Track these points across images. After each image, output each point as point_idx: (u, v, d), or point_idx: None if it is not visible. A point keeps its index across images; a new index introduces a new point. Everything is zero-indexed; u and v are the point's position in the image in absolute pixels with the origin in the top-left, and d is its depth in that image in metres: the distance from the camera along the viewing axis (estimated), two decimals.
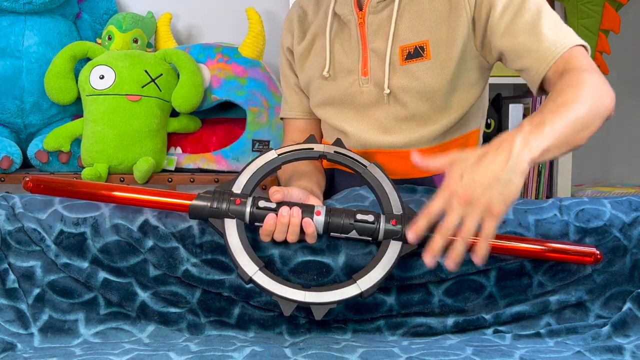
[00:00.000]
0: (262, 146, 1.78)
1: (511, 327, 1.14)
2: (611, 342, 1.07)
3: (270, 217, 1.06)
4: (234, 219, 1.07)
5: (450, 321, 1.14)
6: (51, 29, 1.79)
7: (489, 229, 0.91)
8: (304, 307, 1.06)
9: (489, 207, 0.91)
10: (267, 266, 1.10)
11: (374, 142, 1.30)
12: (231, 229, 1.07)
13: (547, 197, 2.02)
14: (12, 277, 1.11)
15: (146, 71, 1.70)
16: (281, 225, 1.06)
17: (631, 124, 2.28)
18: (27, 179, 1.12)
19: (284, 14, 2.00)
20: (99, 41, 1.84)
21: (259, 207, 1.08)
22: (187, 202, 1.09)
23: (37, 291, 1.12)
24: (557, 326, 1.13)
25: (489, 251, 0.94)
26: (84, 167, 1.71)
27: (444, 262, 0.95)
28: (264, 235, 1.08)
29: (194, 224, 1.13)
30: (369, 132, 1.30)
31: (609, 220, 1.14)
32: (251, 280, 1.04)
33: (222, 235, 1.07)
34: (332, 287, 1.05)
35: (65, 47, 1.74)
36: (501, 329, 1.14)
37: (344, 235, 1.09)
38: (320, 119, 1.43)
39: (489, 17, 1.20)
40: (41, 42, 1.77)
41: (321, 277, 1.12)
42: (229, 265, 1.12)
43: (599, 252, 1.10)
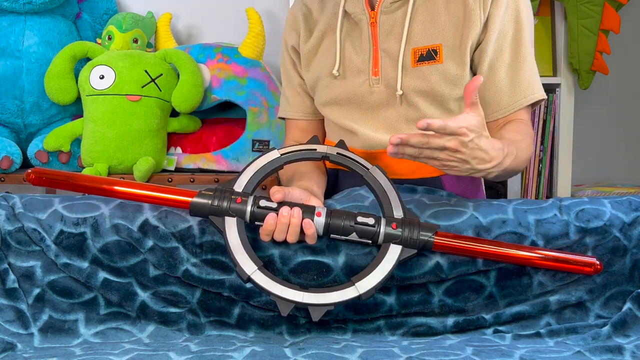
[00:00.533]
0: (262, 146, 1.78)
1: (511, 327, 1.14)
2: (611, 342, 1.07)
3: (270, 217, 1.06)
4: (234, 217, 1.07)
5: (450, 321, 1.14)
6: (51, 29, 1.79)
7: (440, 167, 1.05)
8: (303, 307, 1.06)
9: (447, 162, 1.03)
10: (267, 266, 1.10)
11: (383, 142, 1.30)
12: (231, 227, 1.07)
13: (547, 197, 2.02)
14: (12, 277, 1.11)
15: (146, 71, 1.70)
16: (281, 225, 1.06)
17: (631, 124, 2.28)
18: (30, 171, 1.12)
19: (284, 14, 2.00)
20: (99, 41, 1.84)
21: (259, 207, 1.07)
22: (188, 199, 1.09)
23: (37, 291, 1.12)
24: (557, 326, 1.13)
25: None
26: (84, 167, 1.71)
27: (388, 149, 1.01)
28: (264, 234, 1.08)
29: (194, 224, 1.13)
30: (378, 132, 1.30)
31: (609, 220, 1.14)
32: (249, 279, 1.04)
33: (222, 233, 1.07)
34: (330, 289, 1.04)
35: (65, 47, 1.74)
36: (501, 329, 1.14)
37: (343, 237, 1.08)
38: (322, 119, 1.42)
39: (485, 35, 1.24)
40: (41, 42, 1.77)
41: (321, 277, 1.12)
42: (229, 265, 1.12)
43: (598, 262, 1.11)
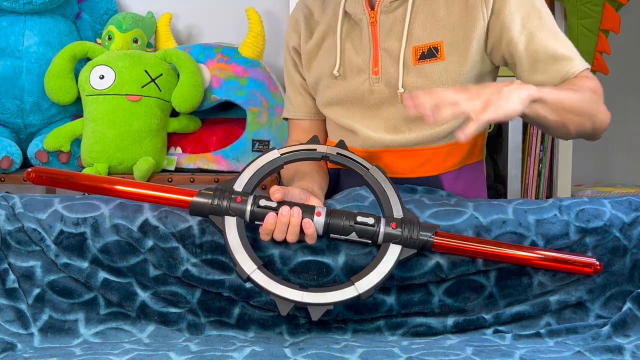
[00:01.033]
0: (262, 146, 1.77)
1: (511, 327, 1.14)
2: (611, 342, 1.07)
3: (270, 216, 1.06)
4: (234, 216, 1.07)
5: (450, 321, 1.14)
6: (51, 29, 1.79)
7: (481, 116, 0.99)
8: (303, 307, 1.06)
9: (488, 100, 1.00)
10: (267, 266, 1.10)
11: (383, 141, 1.30)
12: (231, 226, 1.06)
13: (547, 197, 2.02)
14: (12, 277, 1.11)
15: (146, 71, 1.70)
16: (281, 224, 1.06)
17: (631, 124, 2.28)
18: (30, 170, 1.12)
19: (284, 14, 2.00)
20: (99, 41, 1.84)
21: (259, 206, 1.07)
22: (188, 198, 1.09)
23: (37, 291, 1.12)
24: (557, 326, 1.13)
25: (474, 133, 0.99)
26: (84, 167, 1.71)
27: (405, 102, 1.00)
28: (264, 234, 1.08)
29: (194, 224, 1.13)
30: (378, 132, 1.30)
31: (609, 220, 1.14)
32: (249, 278, 1.03)
33: (222, 232, 1.06)
34: (330, 289, 1.04)
35: (65, 47, 1.74)
36: (501, 329, 1.14)
37: (343, 237, 1.08)
38: (324, 120, 1.43)
39: (504, 26, 1.22)
40: (41, 42, 1.77)
41: (321, 277, 1.12)
42: (229, 265, 1.12)
43: (598, 262, 1.11)
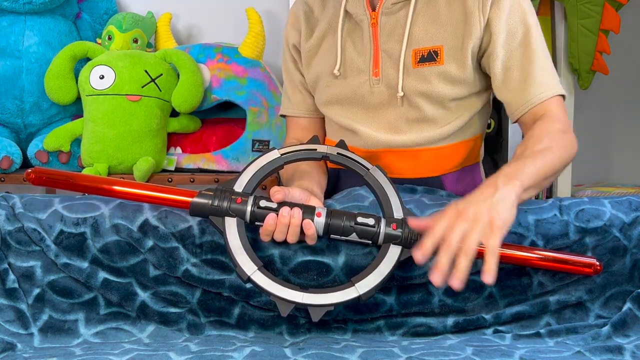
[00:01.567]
0: (262, 146, 1.78)
1: (511, 327, 1.14)
2: (611, 342, 1.07)
3: (270, 217, 1.06)
4: (234, 217, 1.07)
5: (450, 321, 1.14)
6: (51, 29, 1.79)
7: (493, 244, 0.95)
8: (303, 308, 1.06)
9: (490, 221, 0.96)
10: (267, 266, 1.10)
11: (384, 142, 1.30)
12: (231, 227, 1.06)
13: (547, 197, 2.02)
14: (12, 277, 1.11)
15: (146, 71, 1.70)
16: (281, 225, 1.06)
17: (631, 124, 2.28)
18: (30, 171, 1.12)
19: (284, 14, 2.00)
20: (99, 41, 1.84)
21: (259, 207, 1.07)
22: (188, 199, 1.09)
23: (37, 291, 1.12)
24: (557, 326, 1.13)
25: (497, 267, 0.96)
26: (84, 167, 1.71)
27: (449, 282, 0.95)
28: (264, 235, 1.08)
29: (194, 224, 1.13)
30: (379, 132, 1.30)
31: (609, 220, 1.14)
32: (249, 279, 1.03)
33: (222, 233, 1.06)
34: (330, 289, 1.04)
35: (65, 47, 1.74)
36: (501, 329, 1.14)
37: (343, 237, 1.08)
38: (323, 118, 1.42)
39: (491, 37, 1.23)
40: (41, 42, 1.77)
41: (321, 277, 1.12)
42: (229, 265, 1.12)
43: (598, 263, 1.11)
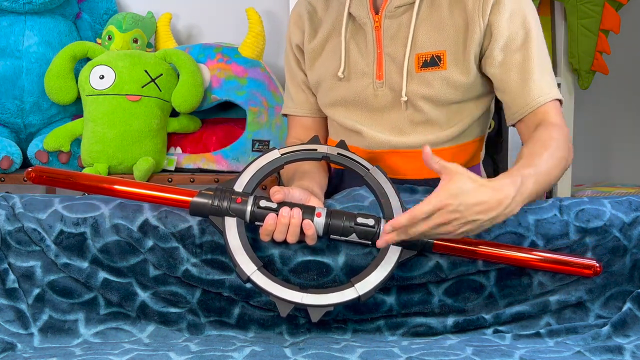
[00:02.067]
0: (262, 146, 1.77)
1: (511, 327, 1.14)
2: (611, 342, 1.07)
3: (270, 217, 1.06)
4: (234, 217, 1.07)
5: (450, 321, 1.14)
6: (51, 29, 1.79)
7: (455, 237, 1.03)
8: (303, 308, 1.06)
9: (457, 232, 1.01)
10: (267, 266, 1.10)
11: (387, 143, 1.30)
12: (231, 227, 1.06)
13: (547, 197, 2.02)
14: (12, 277, 1.11)
15: (146, 71, 1.70)
16: (281, 225, 1.06)
17: (631, 124, 2.28)
18: (30, 170, 1.12)
19: (284, 14, 2.00)
20: (99, 41, 1.84)
21: (259, 207, 1.07)
22: (188, 198, 1.09)
23: (37, 291, 1.12)
24: (557, 326, 1.13)
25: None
26: (84, 167, 1.71)
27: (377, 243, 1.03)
28: (264, 235, 1.08)
29: (194, 224, 1.13)
30: (383, 133, 1.30)
31: (609, 220, 1.14)
32: (249, 279, 1.03)
33: (222, 233, 1.06)
34: (329, 290, 1.04)
35: (65, 47, 1.74)
36: (501, 329, 1.14)
37: (343, 238, 1.08)
38: (325, 117, 1.42)
39: (491, 40, 1.23)
40: (41, 42, 1.77)
41: (321, 277, 1.12)
42: (229, 265, 1.12)
43: (598, 264, 1.11)
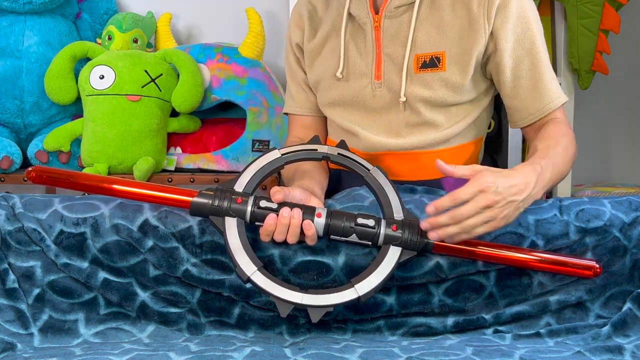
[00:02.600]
0: (262, 146, 1.77)
1: (511, 327, 1.14)
2: (611, 342, 1.07)
3: (270, 217, 1.06)
4: (234, 217, 1.07)
5: (450, 321, 1.14)
6: (51, 29, 1.79)
7: (481, 232, 1.04)
8: (302, 308, 1.06)
9: (500, 216, 1.04)
10: (267, 266, 1.10)
11: (384, 145, 1.30)
12: (231, 227, 1.06)
13: (547, 197, 2.02)
14: (12, 277, 1.11)
15: (146, 71, 1.70)
16: (281, 225, 1.06)
17: (631, 124, 2.27)
18: (30, 169, 1.12)
19: (284, 14, 2.00)
20: (99, 41, 1.84)
21: (260, 207, 1.07)
22: (189, 198, 1.09)
23: (37, 291, 1.12)
24: (557, 326, 1.13)
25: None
26: (84, 167, 1.71)
27: (429, 235, 1.05)
28: (264, 235, 1.08)
29: (194, 224, 1.13)
30: (380, 135, 1.30)
31: (609, 220, 1.14)
32: (249, 280, 1.03)
33: (222, 233, 1.06)
34: (329, 290, 1.04)
35: (65, 47, 1.74)
36: (501, 329, 1.14)
37: (343, 238, 1.08)
38: (326, 117, 1.42)
39: (497, 45, 1.23)
40: (41, 42, 1.77)
41: (321, 277, 1.12)
42: (229, 265, 1.12)
43: (598, 265, 1.11)
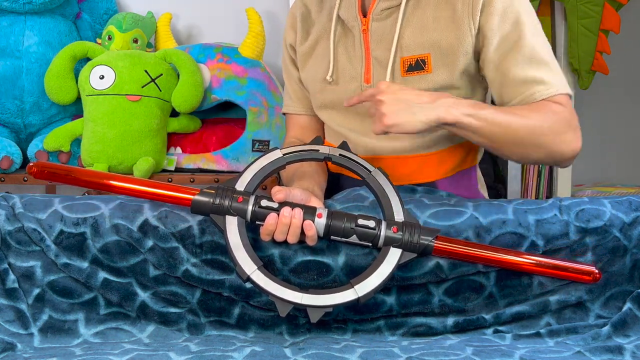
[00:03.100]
0: (262, 146, 1.78)
1: (511, 327, 1.14)
2: (611, 342, 1.07)
3: (271, 217, 1.06)
4: (235, 216, 1.07)
5: (450, 321, 1.14)
6: (51, 29, 1.79)
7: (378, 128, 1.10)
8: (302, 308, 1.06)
9: (382, 109, 1.08)
10: (267, 266, 1.10)
11: (377, 148, 1.30)
12: (232, 226, 1.06)
13: (547, 197, 2.02)
14: (12, 277, 1.11)
15: (146, 71, 1.70)
16: (282, 225, 1.06)
17: (631, 124, 2.28)
18: (32, 164, 1.12)
19: (284, 14, 2.00)
20: (99, 41, 1.84)
21: (260, 206, 1.07)
22: (190, 196, 1.09)
23: (37, 291, 1.12)
24: (557, 326, 1.13)
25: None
26: (84, 167, 1.71)
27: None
28: (265, 234, 1.08)
29: (194, 224, 1.13)
30: (372, 139, 1.29)
31: (609, 220, 1.14)
32: (249, 279, 1.03)
33: (223, 232, 1.06)
34: (329, 291, 1.04)
35: (65, 47, 1.74)
36: (501, 329, 1.14)
37: (344, 239, 1.08)
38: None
39: (484, 42, 1.20)
40: (41, 42, 1.77)
41: (321, 277, 1.12)
42: (229, 265, 1.12)
43: (597, 270, 1.11)
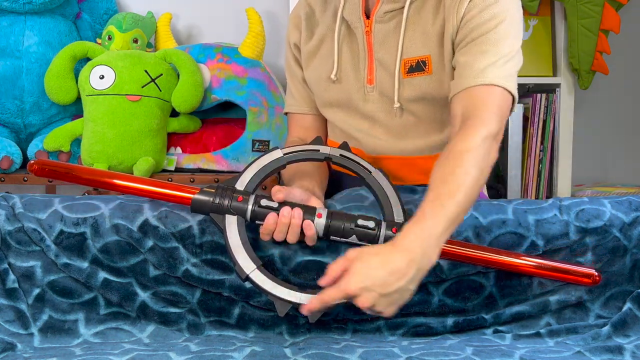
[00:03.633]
0: (262, 146, 1.78)
1: (511, 327, 1.14)
2: (611, 342, 1.07)
3: (271, 217, 1.06)
4: (235, 215, 1.07)
5: (450, 321, 1.14)
6: (51, 29, 1.79)
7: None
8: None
9: (381, 312, 0.98)
10: (267, 266, 1.10)
11: (384, 148, 1.30)
12: (232, 225, 1.06)
13: (547, 197, 2.02)
14: (12, 277, 1.11)
15: (146, 71, 1.70)
16: (282, 225, 1.06)
17: (631, 124, 2.28)
18: (33, 162, 1.12)
19: (284, 14, 2.00)
20: (99, 41, 1.84)
21: (260, 206, 1.07)
22: (190, 195, 1.09)
23: (37, 291, 1.12)
24: (557, 326, 1.13)
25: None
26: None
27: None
28: (264, 234, 1.08)
29: (194, 224, 1.13)
30: (379, 138, 1.30)
31: (609, 220, 1.14)
32: (248, 278, 1.03)
33: (222, 231, 1.06)
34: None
35: (65, 47, 1.74)
36: (501, 329, 1.14)
37: (343, 239, 1.08)
38: (325, 118, 1.42)
39: (458, 33, 1.19)
40: (41, 42, 1.77)
41: (321, 277, 1.12)
42: (229, 265, 1.12)
43: (597, 273, 1.11)
